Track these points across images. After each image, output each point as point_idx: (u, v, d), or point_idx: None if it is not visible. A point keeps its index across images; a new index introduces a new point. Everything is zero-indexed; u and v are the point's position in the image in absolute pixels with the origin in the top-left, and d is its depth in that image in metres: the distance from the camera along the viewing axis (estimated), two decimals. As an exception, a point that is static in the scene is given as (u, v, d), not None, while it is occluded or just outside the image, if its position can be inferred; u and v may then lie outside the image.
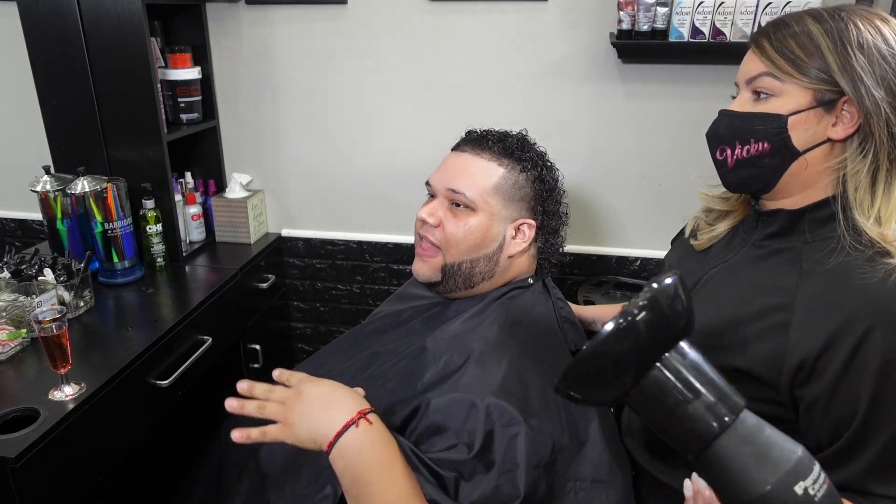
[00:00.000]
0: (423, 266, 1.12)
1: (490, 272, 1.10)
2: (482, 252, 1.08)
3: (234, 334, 1.75)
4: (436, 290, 1.14)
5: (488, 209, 1.07)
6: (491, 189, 1.07)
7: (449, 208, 1.09)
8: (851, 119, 0.80)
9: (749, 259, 0.92)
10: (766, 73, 0.83)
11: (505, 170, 1.08)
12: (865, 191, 0.80)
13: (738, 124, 0.87)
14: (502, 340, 1.01)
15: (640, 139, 1.71)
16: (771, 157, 0.85)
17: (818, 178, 0.84)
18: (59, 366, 1.12)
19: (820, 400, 0.79)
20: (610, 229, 1.83)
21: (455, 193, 1.07)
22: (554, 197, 1.13)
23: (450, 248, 1.08)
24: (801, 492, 0.59)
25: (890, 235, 0.79)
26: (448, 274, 1.09)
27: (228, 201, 1.88)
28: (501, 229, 1.08)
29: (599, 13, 1.60)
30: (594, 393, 0.68)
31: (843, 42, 0.79)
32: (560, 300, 1.18)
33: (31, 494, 1.04)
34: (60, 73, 1.59)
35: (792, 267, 0.85)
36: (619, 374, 0.64)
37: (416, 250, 1.14)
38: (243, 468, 1.12)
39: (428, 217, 1.09)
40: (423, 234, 1.11)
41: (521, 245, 1.10)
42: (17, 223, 2.14)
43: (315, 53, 1.79)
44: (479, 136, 1.13)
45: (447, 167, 1.12)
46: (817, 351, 0.78)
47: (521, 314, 1.08)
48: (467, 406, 0.92)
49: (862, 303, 0.76)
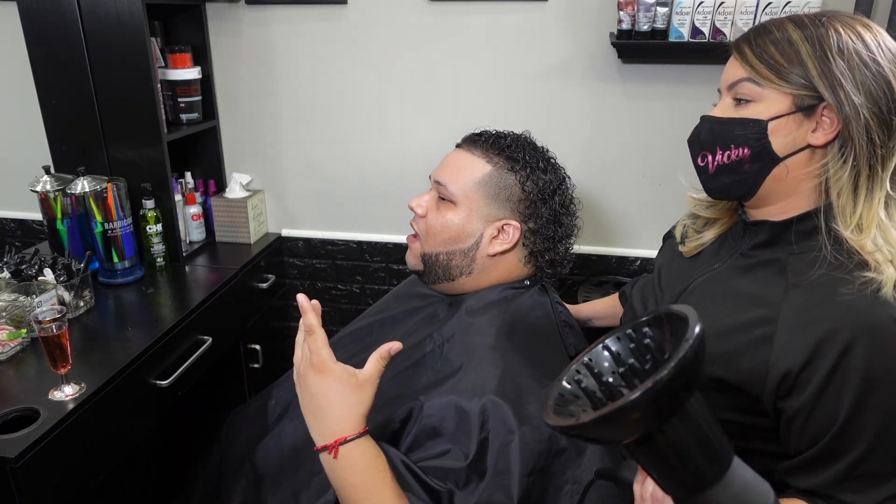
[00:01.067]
0: (409, 254, 1.17)
1: (468, 268, 1.10)
2: (457, 246, 1.09)
3: (234, 334, 1.75)
4: (423, 280, 1.17)
5: (468, 204, 1.07)
6: (473, 185, 1.07)
7: (435, 200, 1.11)
8: (831, 125, 0.80)
9: (736, 269, 0.91)
10: (747, 79, 0.83)
11: (493, 167, 1.07)
12: (848, 197, 0.80)
13: (718, 129, 0.87)
14: (500, 344, 1.00)
15: (640, 139, 1.71)
16: (751, 163, 0.84)
17: (800, 184, 0.84)
18: (59, 366, 1.12)
19: (801, 412, 0.79)
20: (610, 229, 1.83)
21: (439, 186, 1.10)
22: (549, 204, 1.08)
23: (427, 238, 1.11)
24: None
25: (869, 246, 0.78)
26: (427, 263, 1.12)
27: (228, 201, 1.88)
28: (479, 227, 1.08)
29: (599, 13, 1.60)
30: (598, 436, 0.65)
31: (823, 48, 0.79)
32: (559, 303, 1.17)
33: (31, 494, 1.04)
34: (60, 73, 1.59)
35: (778, 279, 0.84)
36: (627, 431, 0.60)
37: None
38: (240, 468, 1.13)
39: (415, 207, 1.13)
40: (412, 223, 1.16)
41: (503, 246, 1.08)
42: (17, 223, 2.14)
43: (315, 53, 1.79)
44: (478, 133, 1.14)
45: (442, 162, 1.14)
46: (800, 364, 0.77)
47: (518, 317, 1.07)
48: (463, 411, 0.91)
49: (842, 316, 0.76)
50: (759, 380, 0.81)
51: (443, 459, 0.89)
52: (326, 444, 0.86)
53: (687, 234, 1.04)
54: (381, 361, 0.89)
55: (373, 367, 0.88)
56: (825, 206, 0.82)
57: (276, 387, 1.26)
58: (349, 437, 0.85)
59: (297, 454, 1.06)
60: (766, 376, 0.80)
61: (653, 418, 0.58)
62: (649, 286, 1.06)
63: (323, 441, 0.87)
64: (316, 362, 0.87)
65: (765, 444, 0.86)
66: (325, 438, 0.87)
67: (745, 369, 0.82)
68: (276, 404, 1.20)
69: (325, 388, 0.87)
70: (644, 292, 1.07)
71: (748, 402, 0.83)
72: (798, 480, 0.83)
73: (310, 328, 0.87)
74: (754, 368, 0.81)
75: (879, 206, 0.79)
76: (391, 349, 0.89)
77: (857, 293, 0.77)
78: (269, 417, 1.19)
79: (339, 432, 0.86)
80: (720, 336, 0.86)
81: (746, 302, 0.86)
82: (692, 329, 0.57)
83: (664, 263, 1.08)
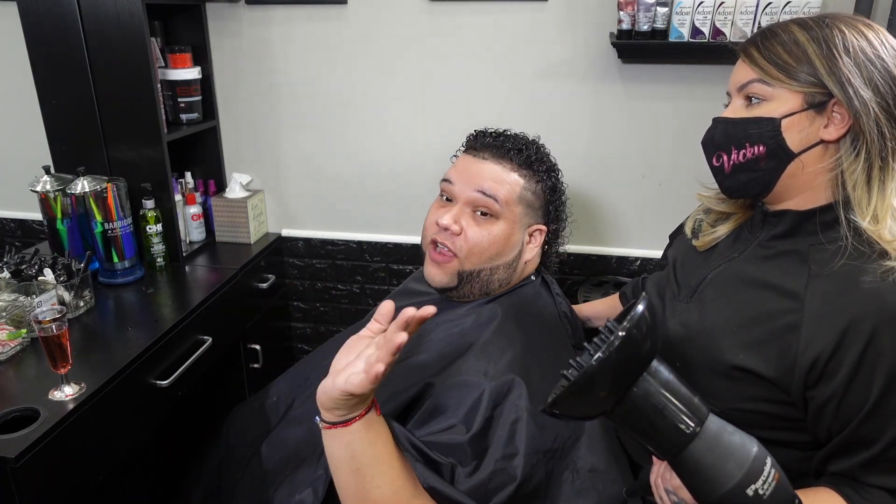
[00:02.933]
0: (439, 272, 1.09)
1: (507, 279, 1.11)
2: (503, 259, 1.09)
3: (234, 334, 1.75)
4: (447, 295, 1.13)
5: (511, 217, 1.08)
6: (516, 198, 1.08)
7: (472, 215, 1.08)
8: (842, 120, 0.82)
9: (755, 259, 0.92)
10: (757, 80, 0.85)
11: (525, 180, 1.10)
12: (862, 189, 0.82)
13: (732, 130, 0.88)
14: (506, 330, 1.02)
15: (640, 139, 1.71)
16: (767, 160, 0.86)
17: (815, 178, 0.85)
18: (59, 366, 1.12)
19: (831, 401, 0.80)
20: (610, 229, 1.83)
21: (486, 197, 1.06)
22: (557, 204, 1.16)
23: (471, 256, 1.07)
24: (752, 493, 0.69)
25: (886, 235, 0.80)
26: (465, 280, 1.09)
27: (228, 201, 1.88)
28: (520, 237, 1.10)
29: (599, 13, 1.60)
30: (578, 413, 0.75)
31: (830, 47, 0.81)
32: (559, 295, 1.19)
33: (31, 494, 1.04)
34: (60, 74, 1.59)
35: (800, 268, 0.86)
36: (601, 396, 0.71)
37: (429, 255, 1.12)
38: (245, 467, 1.13)
39: (451, 224, 1.06)
40: (441, 240, 1.09)
41: (535, 250, 1.13)
42: (17, 223, 2.14)
43: (315, 53, 1.79)
44: (497, 143, 1.12)
45: (472, 172, 1.09)
46: (828, 352, 0.79)
47: (523, 306, 1.10)
48: (468, 389, 0.93)
49: (865, 304, 0.78)
50: (787, 369, 0.82)
51: (447, 434, 0.90)
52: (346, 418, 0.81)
53: (700, 229, 1.06)
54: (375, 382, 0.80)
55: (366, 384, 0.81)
56: (843, 198, 0.84)
57: (277, 384, 1.26)
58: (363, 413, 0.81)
59: (299, 453, 1.06)
60: (795, 365, 0.81)
61: (614, 385, 0.69)
62: (664, 280, 1.08)
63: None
64: (367, 369, 0.77)
65: (792, 435, 0.87)
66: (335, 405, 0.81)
67: (772, 358, 0.83)
68: (278, 402, 1.20)
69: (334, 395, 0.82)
70: (660, 286, 1.07)
71: (776, 392, 0.84)
72: (828, 465, 0.85)
73: (398, 349, 0.75)
74: (781, 357, 0.83)
75: (892, 197, 0.82)
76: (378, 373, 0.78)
77: (877, 281, 0.78)
78: (270, 416, 1.19)
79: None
80: (744, 325, 0.87)
81: (768, 291, 0.87)
82: (636, 307, 0.69)
83: (678, 258, 1.08)
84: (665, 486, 0.82)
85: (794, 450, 0.88)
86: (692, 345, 0.93)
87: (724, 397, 0.87)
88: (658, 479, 0.84)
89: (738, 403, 0.86)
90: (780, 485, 0.70)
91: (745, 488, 0.68)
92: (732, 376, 0.87)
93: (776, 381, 0.83)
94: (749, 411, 0.86)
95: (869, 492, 0.81)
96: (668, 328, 0.98)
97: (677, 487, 0.79)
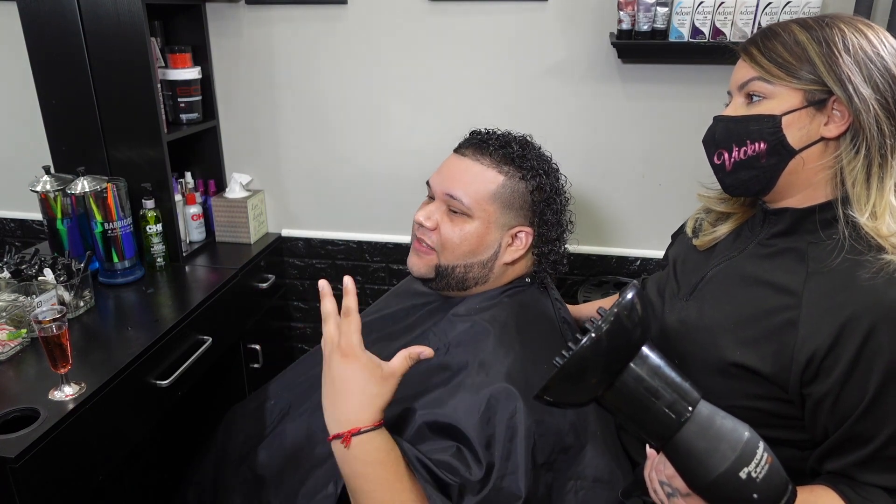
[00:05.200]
0: (419, 262, 1.12)
1: (484, 277, 1.10)
2: (477, 258, 1.08)
3: (234, 334, 1.75)
4: (429, 286, 1.15)
5: (485, 216, 1.06)
6: (489, 196, 1.06)
7: (446, 212, 1.09)
8: (842, 117, 0.82)
9: (755, 257, 0.93)
10: (758, 78, 0.86)
11: (505, 177, 1.07)
12: (862, 186, 0.82)
13: (733, 127, 0.89)
14: (505, 339, 1.01)
15: (639, 139, 1.71)
16: (768, 157, 0.86)
17: (816, 175, 0.86)
18: (59, 366, 1.12)
19: (827, 397, 0.80)
20: (610, 229, 1.83)
21: (452, 199, 1.07)
22: (553, 207, 1.11)
23: (445, 252, 1.08)
24: (745, 476, 0.69)
25: (884, 230, 0.81)
26: (441, 274, 1.10)
27: (228, 201, 1.88)
28: (497, 237, 1.08)
29: (599, 13, 1.60)
30: (570, 399, 0.76)
31: (830, 46, 0.82)
32: (558, 301, 1.18)
33: (31, 494, 1.04)
34: (60, 74, 1.59)
35: (798, 266, 0.86)
36: (592, 381, 0.72)
37: (413, 246, 1.14)
38: (239, 468, 1.13)
39: (424, 221, 1.09)
40: (419, 235, 1.11)
41: (518, 252, 1.10)
42: (17, 223, 2.14)
43: (315, 53, 1.79)
44: (481, 140, 1.11)
45: (447, 170, 1.10)
46: (825, 348, 0.79)
47: (521, 313, 1.08)
48: (469, 406, 0.92)
49: (862, 301, 0.78)
50: (784, 366, 0.83)
51: (451, 454, 0.89)
52: (340, 433, 0.85)
53: (701, 228, 1.06)
54: (410, 361, 0.88)
55: (400, 363, 0.88)
56: (842, 195, 0.84)
57: (274, 385, 1.26)
58: (364, 428, 0.85)
59: (298, 454, 1.06)
60: (792, 361, 0.82)
61: (604, 371, 0.71)
62: (664, 279, 1.08)
63: (337, 429, 0.86)
64: (344, 345, 0.87)
65: (789, 433, 0.87)
66: (339, 426, 0.86)
67: (770, 354, 0.84)
68: (276, 403, 1.20)
69: (347, 374, 0.86)
70: (660, 285, 1.08)
71: (773, 389, 0.85)
72: (824, 463, 0.85)
73: (348, 310, 0.88)
74: (779, 354, 0.83)
75: (891, 194, 0.83)
76: (422, 354, 0.89)
77: (874, 278, 0.79)
78: (268, 417, 1.19)
79: (354, 422, 0.85)
80: (742, 322, 0.88)
81: (767, 289, 0.88)
82: (625, 294, 0.71)
83: (678, 257, 1.09)
84: (659, 477, 0.83)
85: (792, 448, 0.88)
86: (690, 341, 0.94)
87: (722, 394, 0.87)
88: (651, 472, 0.84)
89: (736, 401, 0.86)
90: (773, 468, 0.70)
91: (738, 471, 0.68)
92: (730, 373, 0.87)
93: (773, 378, 0.84)
94: (747, 409, 0.86)
95: (866, 490, 0.81)
96: (666, 324, 0.99)
97: (671, 477, 0.79)
